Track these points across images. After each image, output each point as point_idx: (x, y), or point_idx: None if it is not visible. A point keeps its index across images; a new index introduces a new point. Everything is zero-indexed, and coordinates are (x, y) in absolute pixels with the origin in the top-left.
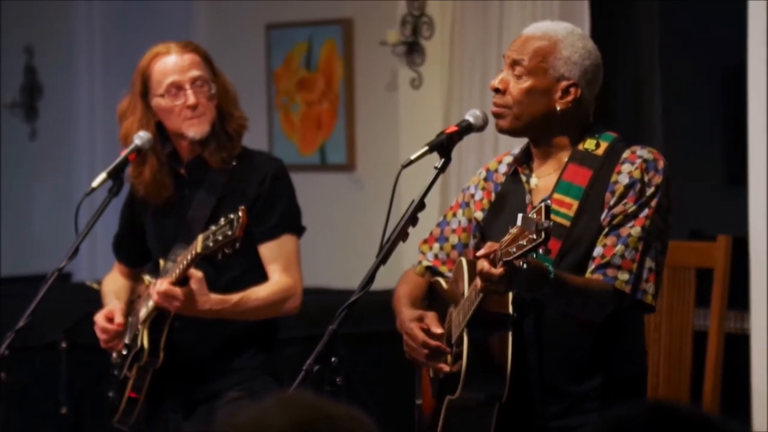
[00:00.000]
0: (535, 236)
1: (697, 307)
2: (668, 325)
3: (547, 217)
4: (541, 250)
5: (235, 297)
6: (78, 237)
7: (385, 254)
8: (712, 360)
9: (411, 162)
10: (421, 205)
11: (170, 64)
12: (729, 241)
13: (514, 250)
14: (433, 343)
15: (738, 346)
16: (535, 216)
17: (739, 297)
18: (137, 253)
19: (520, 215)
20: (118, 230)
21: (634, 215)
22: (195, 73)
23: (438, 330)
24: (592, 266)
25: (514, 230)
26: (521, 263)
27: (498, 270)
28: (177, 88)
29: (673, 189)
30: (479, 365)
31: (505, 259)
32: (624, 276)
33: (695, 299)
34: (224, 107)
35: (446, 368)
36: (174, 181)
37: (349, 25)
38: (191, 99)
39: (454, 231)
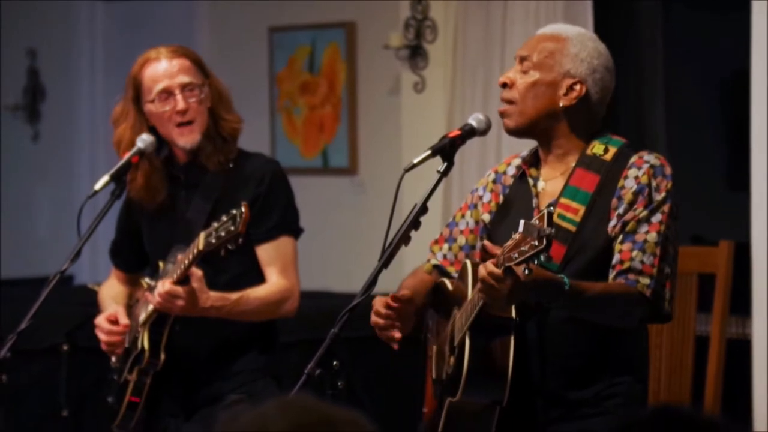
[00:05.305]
0: (537, 242)
1: (698, 312)
2: (670, 330)
3: (550, 223)
4: (542, 257)
5: (234, 295)
6: (80, 240)
7: (387, 258)
8: (713, 365)
9: (413, 166)
10: (423, 209)
11: (160, 70)
12: (731, 246)
13: (516, 255)
14: (384, 311)
15: (740, 352)
16: (537, 222)
17: (740, 302)
18: (135, 258)
19: (522, 221)
20: (115, 236)
21: (646, 220)
22: (184, 78)
23: (392, 302)
24: (612, 273)
25: (516, 236)
26: (523, 269)
27: (499, 270)
28: (167, 93)
29: (676, 194)
30: (480, 368)
31: (506, 265)
32: (645, 280)
33: (697, 304)
34: (217, 111)
35: (396, 335)
36: (171, 184)
37: (352, 29)
38: (181, 104)
39: (461, 232)
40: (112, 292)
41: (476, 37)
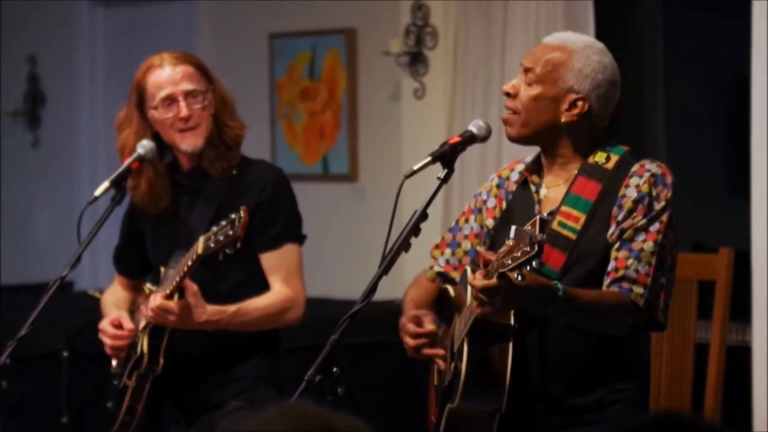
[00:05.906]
0: (528, 249)
1: (698, 319)
2: (670, 337)
3: (542, 230)
4: (534, 263)
5: (232, 308)
6: (80, 246)
7: (387, 264)
8: (713, 372)
9: (414, 172)
10: (423, 216)
11: (164, 77)
12: (731, 253)
13: (509, 262)
14: (421, 330)
15: (740, 359)
16: (529, 228)
17: (740, 309)
18: (139, 264)
19: (513, 227)
20: (119, 242)
21: (644, 229)
22: (188, 86)
23: (430, 327)
24: (607, 280)
25: (509, 242)
26: (516, 275)
27: (491, 281)
28: (170, 100)
29: (676, 204)
30: (479, 375)
31: (500, 271)
32: (639, 290)
33: (697, 311)
34: (220, 117)
35: (440, 352)
36: (174, 189)
37: (352, 35)
38: (184, 111)
39: (466, 237)
40: (114, 298)
41: (477, 42)
